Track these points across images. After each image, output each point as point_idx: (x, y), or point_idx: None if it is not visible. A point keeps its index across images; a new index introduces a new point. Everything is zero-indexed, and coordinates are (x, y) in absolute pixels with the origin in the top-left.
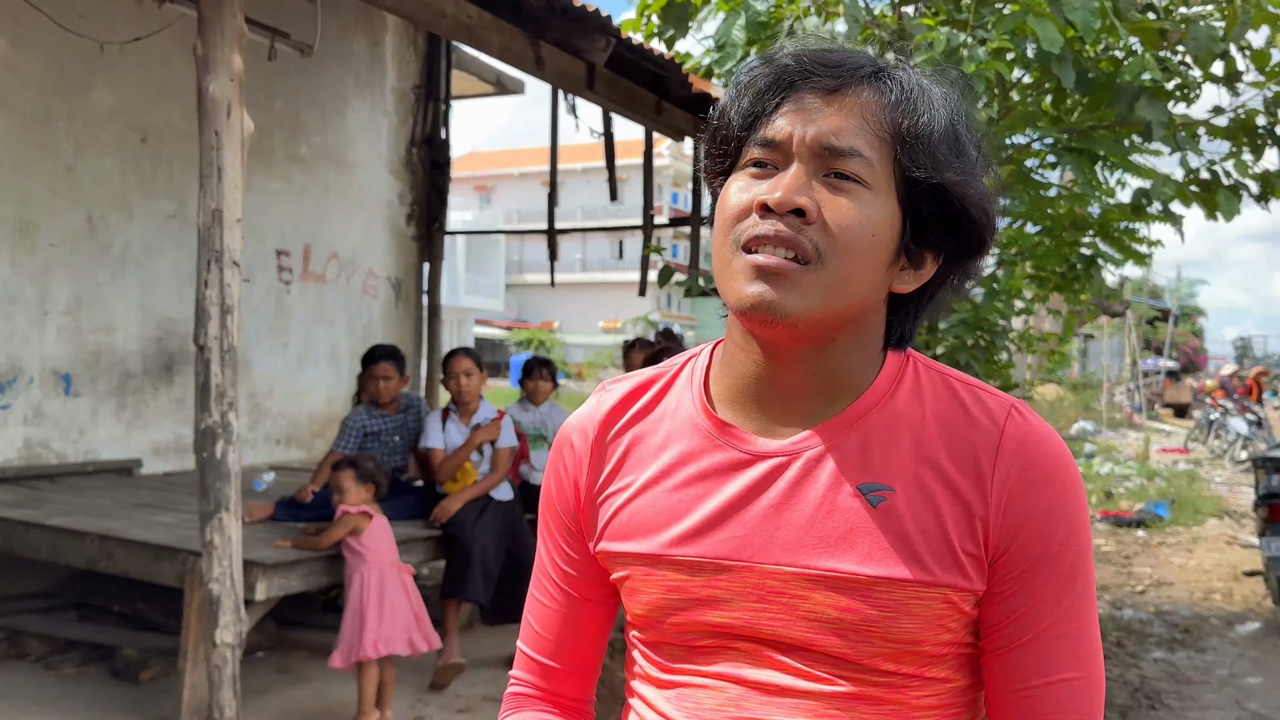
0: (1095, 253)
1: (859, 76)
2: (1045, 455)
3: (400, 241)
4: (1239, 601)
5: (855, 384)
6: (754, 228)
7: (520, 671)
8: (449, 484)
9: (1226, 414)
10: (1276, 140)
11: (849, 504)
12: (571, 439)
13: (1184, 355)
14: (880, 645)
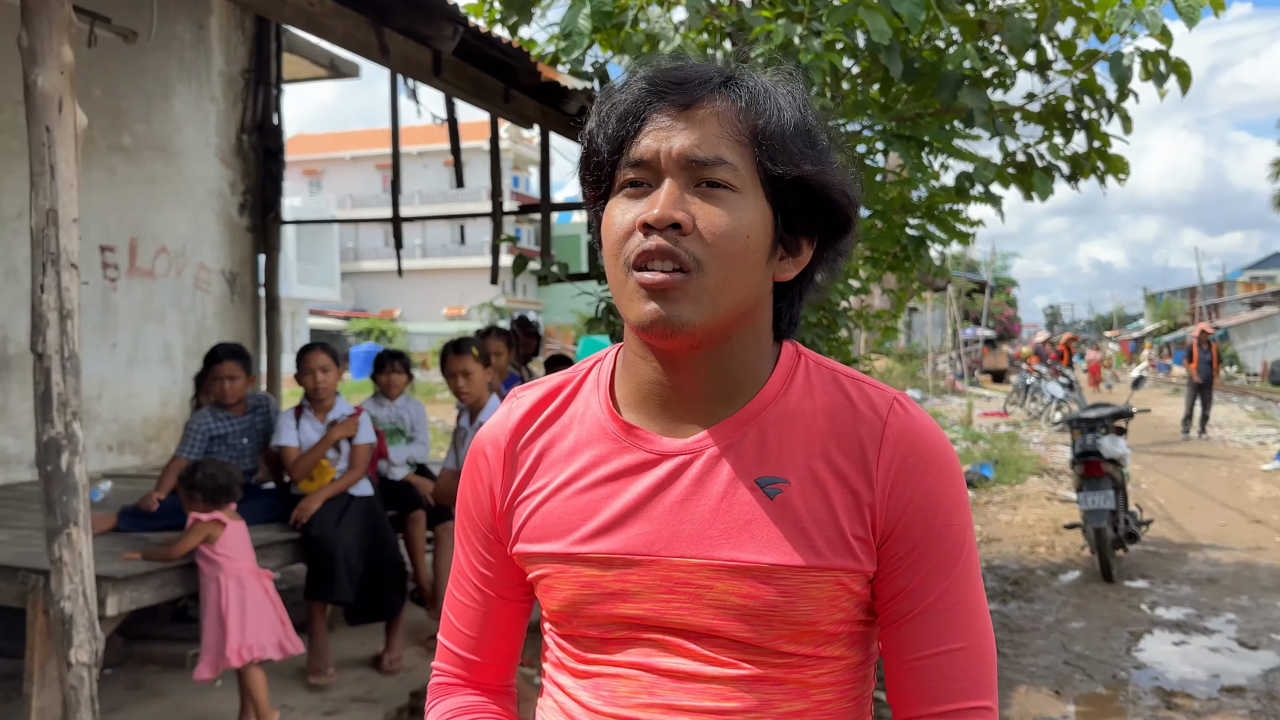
0: (923, 233)
1: (710, 88)
2: (925, 444)
3: (233, 233)
4: (1061, 553)
5: (751, 382)
6: (639, 246)
7: (443, 664)
8: (305, 483)
9: (1041, 378)
10: (1084, 124)
11: (748, 497)
12: (485, 449)
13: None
14: (781, 628)
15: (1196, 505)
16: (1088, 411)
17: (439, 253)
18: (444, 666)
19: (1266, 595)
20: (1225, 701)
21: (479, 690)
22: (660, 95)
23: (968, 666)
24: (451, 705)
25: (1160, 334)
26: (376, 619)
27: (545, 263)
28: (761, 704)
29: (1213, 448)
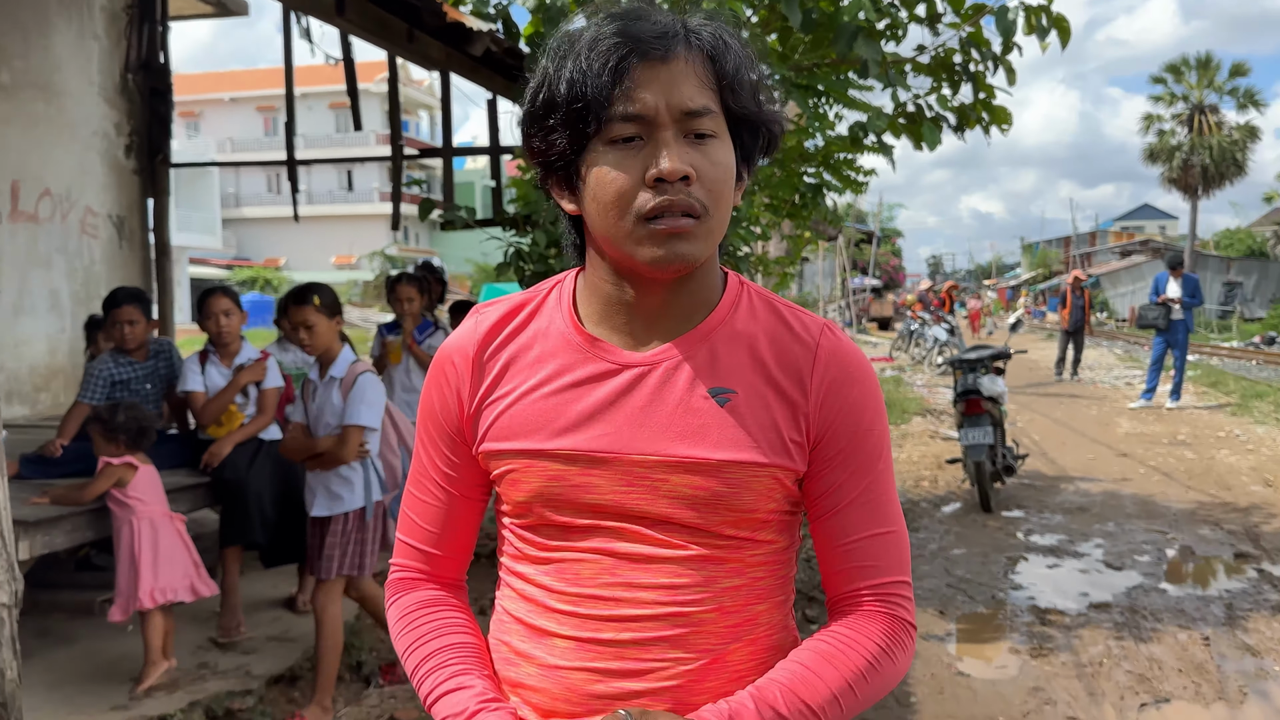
0: (820, 182)
1: (677, 39)
2: (852, 362)
3: (120, 175)
4: (943, 486)
5: (705, 303)
6: (654, 199)
7: (403, 559)
8: (213, 428)
9: (924, 324)
10: (971, 76)
11: (701, 404)
12: (452, 357)
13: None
14: (725, 515)
15: (1068, 441)
16: (968, 353)
17: (326, 199)
18: (403, 562)
19: (1130, 522)
20: (1093, 616)
21: (437, 584)
22: (640, 48)
23: (889, 547)
24: (414, 599)
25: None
26: (290, 561)
27: (450, 208)
28: (707, 579)
29: (1084, 388)
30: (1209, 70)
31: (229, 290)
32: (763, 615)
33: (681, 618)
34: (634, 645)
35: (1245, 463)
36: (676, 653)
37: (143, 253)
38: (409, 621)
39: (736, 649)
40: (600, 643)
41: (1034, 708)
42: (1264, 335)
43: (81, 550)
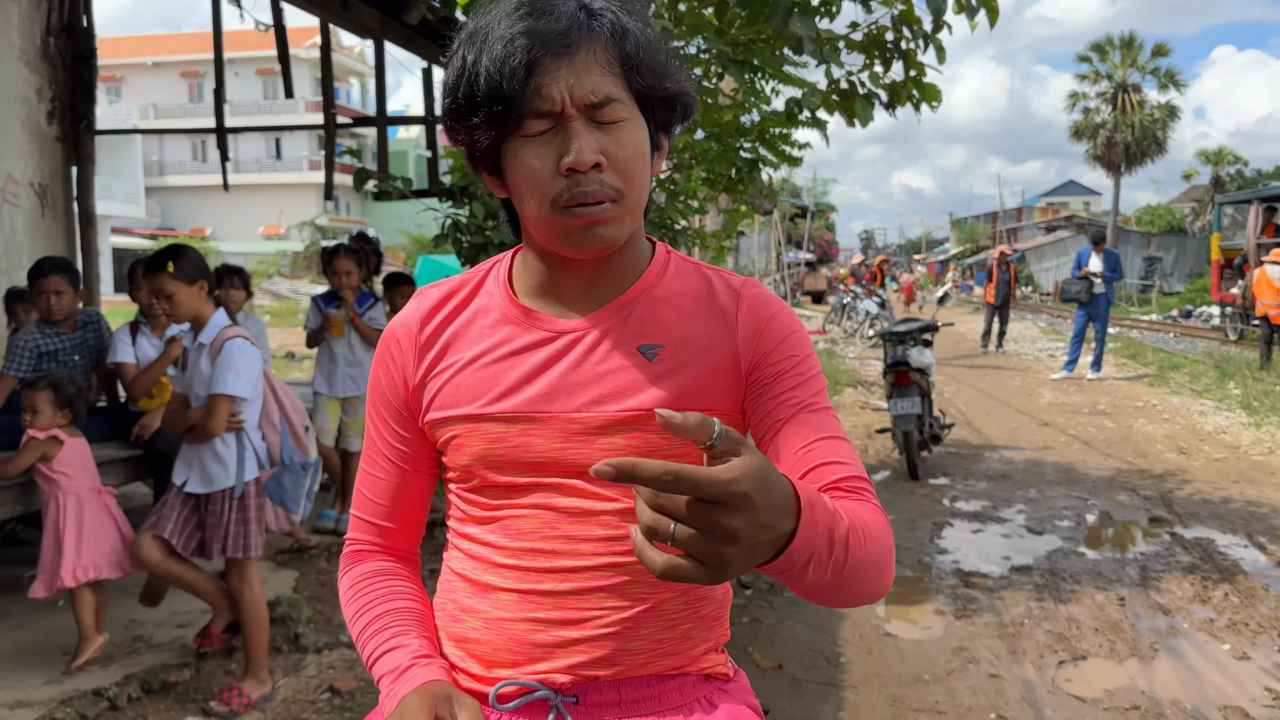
0: (755, 157)
1: (580, 28)
2: (774, 302)
3: (42, 143)
4: (873, 455)
5: (634, 270)
6: (568, 189)
7: (357, 534)
8: (145, 400)
9: (856, 298)
10: (902, 54)
11: (632, 360)
12: (397, 335)
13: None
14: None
15: (993, 411)
16: (898, 326)
17: (254, 168)
18: (357, 536)
19: (1051, 488)
20: (1015, 579)
21: (390, 556)
22: (545, 44)
23: (843, 448)
24: (364, 570)
25: (964, 257)
26: None
27: (385, 179)
28: None
29: (1009, 360)
30: (1132, 50)
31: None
32: None
33: (618, 567)
34: (573, 595)
35: (1161, 431)
36: (614, 600)
37: (66, 222)
38: (358, 589)
39: (671, 597)
40: (541, 594)
41: (958, 666)
42: (1182, 309)
43: (8, 525)
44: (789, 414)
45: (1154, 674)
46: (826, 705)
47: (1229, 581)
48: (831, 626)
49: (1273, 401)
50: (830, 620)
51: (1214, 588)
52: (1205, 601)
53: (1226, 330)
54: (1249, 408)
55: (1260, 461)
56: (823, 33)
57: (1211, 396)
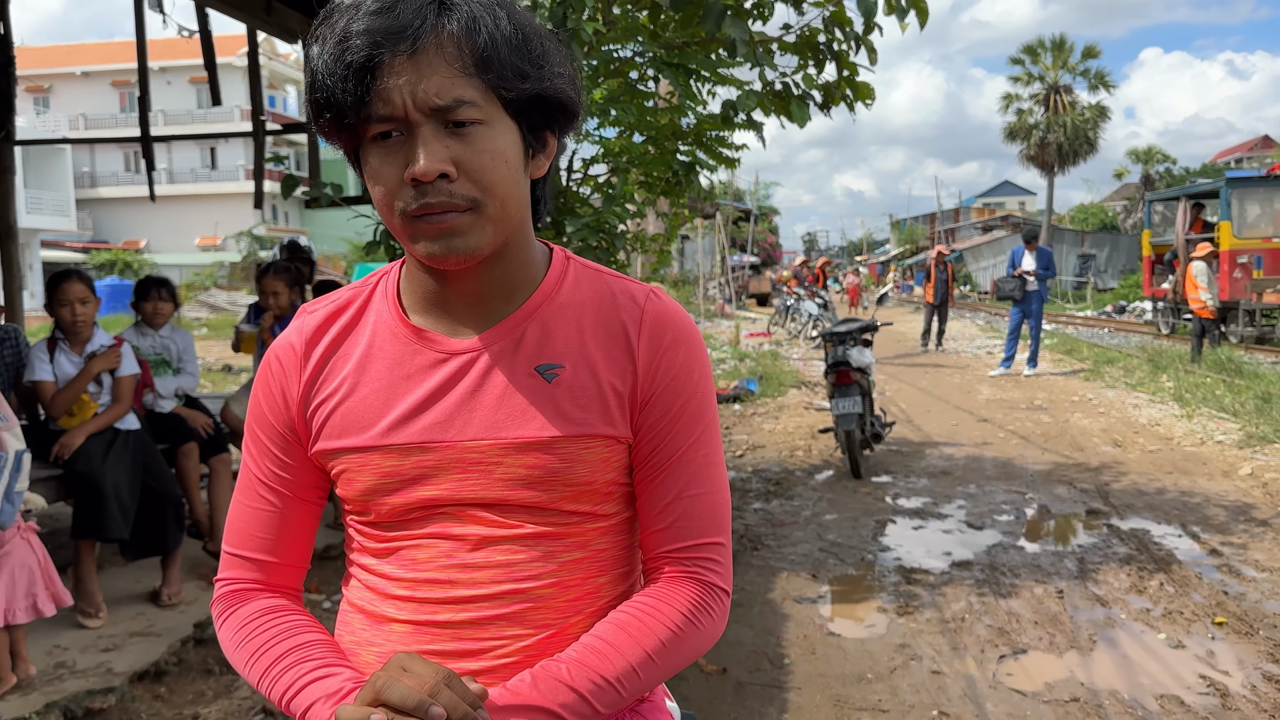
0: (693, 159)
1: (427, 26)
2: (677, 324)
3: None
4: (817, 455)
5: (527, 281)
6: (414, 201)
7: (234, 573)
8: (65, 419)
9: (800, 299)
10: (835, 55)
11: (529, 383)
12: (280, 357)
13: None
14: (563, 490)
15: (933, 408)
16: (839, 326)
17: (188, 178)
18: (234, 575)
19: (990, 484)
20: (956, 574)
21: (275, 595)
22: (387, 43)
23: (704, 509)
24: (252, 610)
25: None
26: (153, 554)
27: (316, 185)
28: (546, 555)
29: (947, 358)
30: (1063, 52)
31: (83, 275)
32: (605, 587)
33: (520, 594)
34: (471, 625)
35: (1097, 425)
36: (515, 629)
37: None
38: (251, 630)
39: (578, 622)
40: (438, 625)
41: (900, 663)
42: (1115, 304)
43: None
44: (664, 463)
45: (1092, 665)
46: (770, 708)
47: (1164, 571)
48: (775, 628)
49: (1204, 394)
50: (774, 622)
51: (1149, 578)
52: (1141, 592)
53: (1159, 325)
54: (1181, 400)
55: (1192, 452)
56: (756, 35)
57: (1145, 390)
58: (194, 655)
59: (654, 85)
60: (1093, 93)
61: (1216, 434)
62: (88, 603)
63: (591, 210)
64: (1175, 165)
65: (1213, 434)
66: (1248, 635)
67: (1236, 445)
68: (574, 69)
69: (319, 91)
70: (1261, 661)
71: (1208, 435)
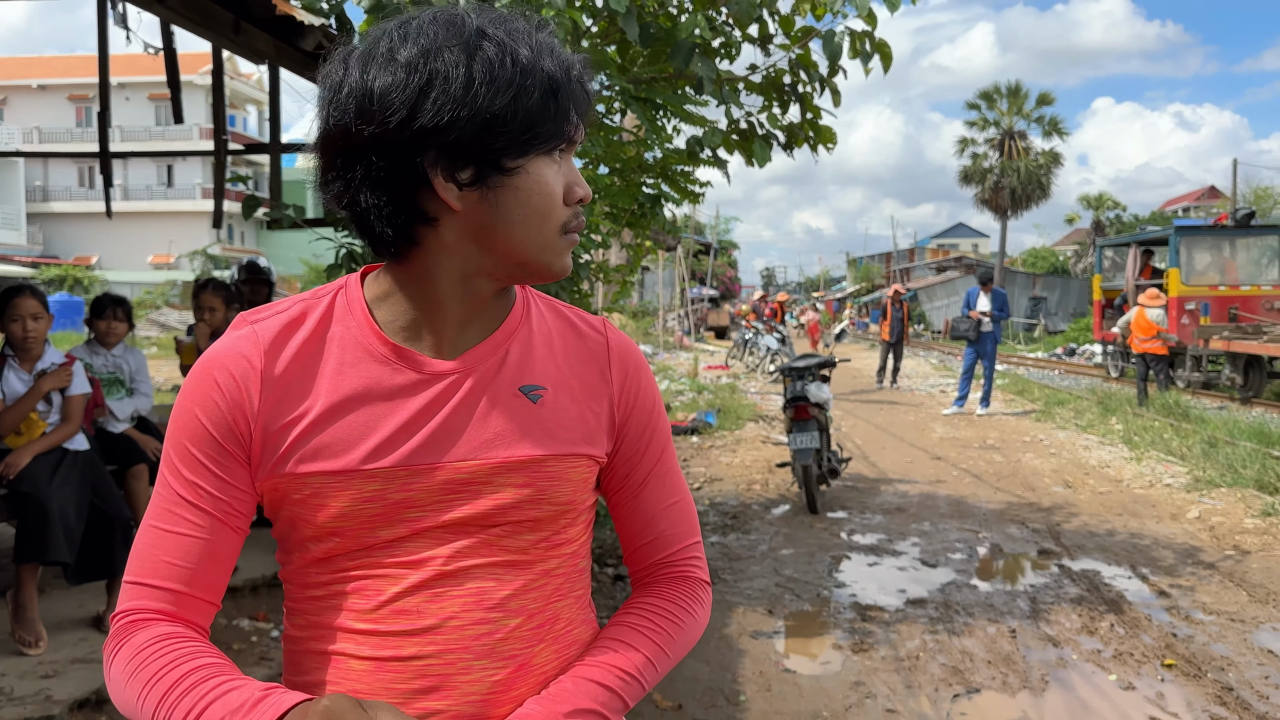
0: (658, 192)
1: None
2: (635, 351)
3: None
4: (774, 489)
5: (502, 309)
6: (575, 216)
7: (139, 602)
8: (12, 438)
9: (758, 334)
10: (799, 96)
11: (515, 403)
12: (230, 369)
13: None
14: (547, 509)
15: (888, 445)
16: (797, 361)
17: (143, 195)
18: (140, 605)
19: (944, 521)
20: (910, 611)
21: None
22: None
23: (681, 516)
24: (147, 636)
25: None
26: (99, 577)
27: (280, 207)
28: (515, 579)
29: (902, 395)
30: (1018, 98)
31: (36, 290)
32: (563, 612)
33: (487, 624)
34: (438, 659)
35: (1048, 465)
36: (483, 663)
37: None
38: (142, 660)
39: (542, 650)
40: (401, 660)
41: (855, 702)
42: (1065, 347)
43: None
44: (640, 479)
45: (1044, 706)
46: None
47: (1115, 612)
48: (731, 664)
49: (1152, 436)
50: (730, 658)
51: (1100, 619)
52: (1092, 633)
53: (1108, 368)
54: (1130, 442)
55: (1141, 494)
56: (723, 74)
57: (1095, 432)
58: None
59: (620, 119)
60: (1046, 139)
61: (1165, 477)
62: (28, 630)
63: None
64: (1125, 212)
65: (1161, 477)
66: (1195, 678)
67: (1184, 489)
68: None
69: (531, 98)
70: (1209, 704)
71: (1156, 478)
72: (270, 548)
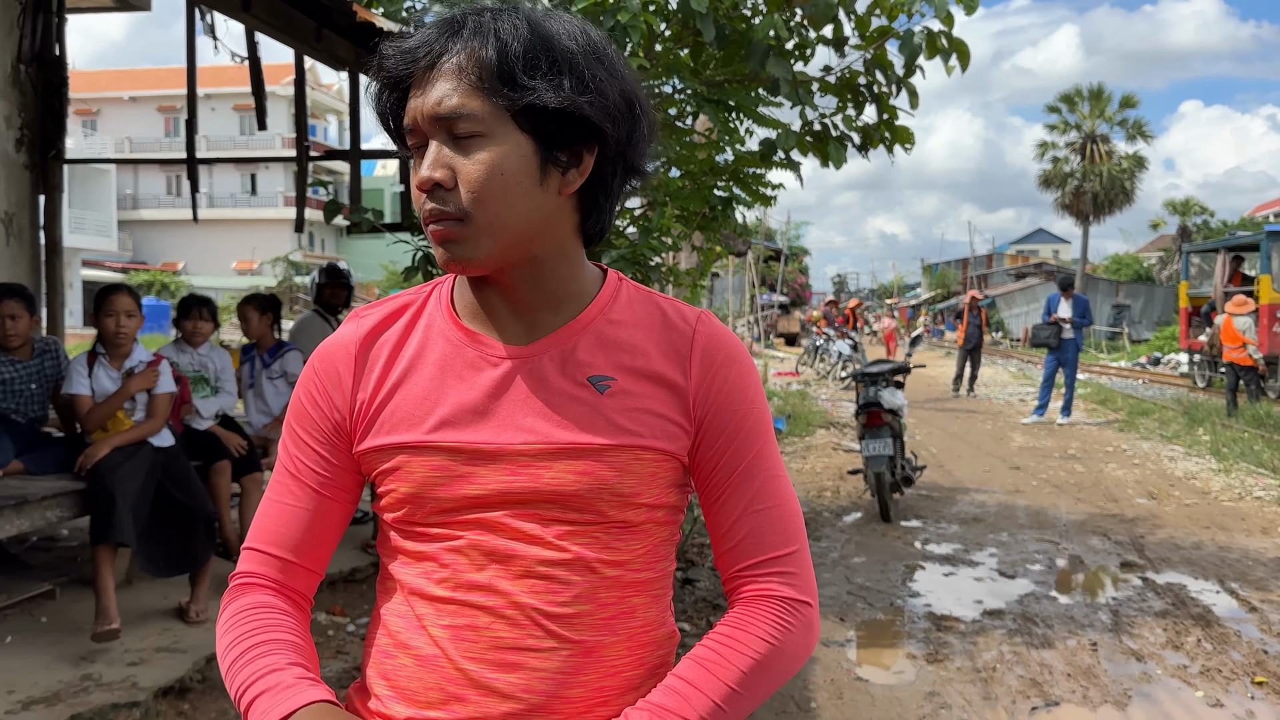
0: (730, 195)
1: (443, 46)
2: (728, 345)
3: (10, 170)
4: (845, 497)
5: (577, 295)
6: (422, 206)
7: (252, 567)
8: (98, 433)
9: (830, 340)
10: (874, 97)
11: (582, 393)
12: (334, 356)
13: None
14: (609, 500)
15: (964, 454)
16: (871, 367)
17: (228, 203)
18: (252, 570)
19: (1023, 531)
20: (987, 623)
21: (283, 596)
22: (406, 62)
23: (774, 522)
24: (248, 601)
25: (935, 302)
26: (184, 569)
27: (359, 211)
28: (585, 570)
29: (980, 404)
30: (1101, 101)
31: (132, 290)
32: (639, 608)
33: (556, 607)
34: (509, 636)
35: (1131, 476)
36: (551, 643)
37: (32, 251)
38: (235, 620)
39: (613, 642)
40: (476, 631)
41: (930, 712)
42: (1150, 356)
43: None
44: (728, 480)
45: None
46: None
47: (1202, 627)
48: (803, 671)
49: (1241, 448)
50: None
51: (1187, 633)
52: (1178, 648)
53: (1195, 377)
54: (1218, 454)
55: (1230, 507)
56: (797, 75)
57: (1181, 442)
58: (217, 673)
59: (690, 121)
60: (1130, 143)
61: (1255, 489)
62: (102, 614)
63: (628, 242)
64: (1213, 218)
65: (1251, 489)
66: None
67: (1276, 501)
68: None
69: (375, 105)
70: None
71: (1246, 490)
72: (348, 543)
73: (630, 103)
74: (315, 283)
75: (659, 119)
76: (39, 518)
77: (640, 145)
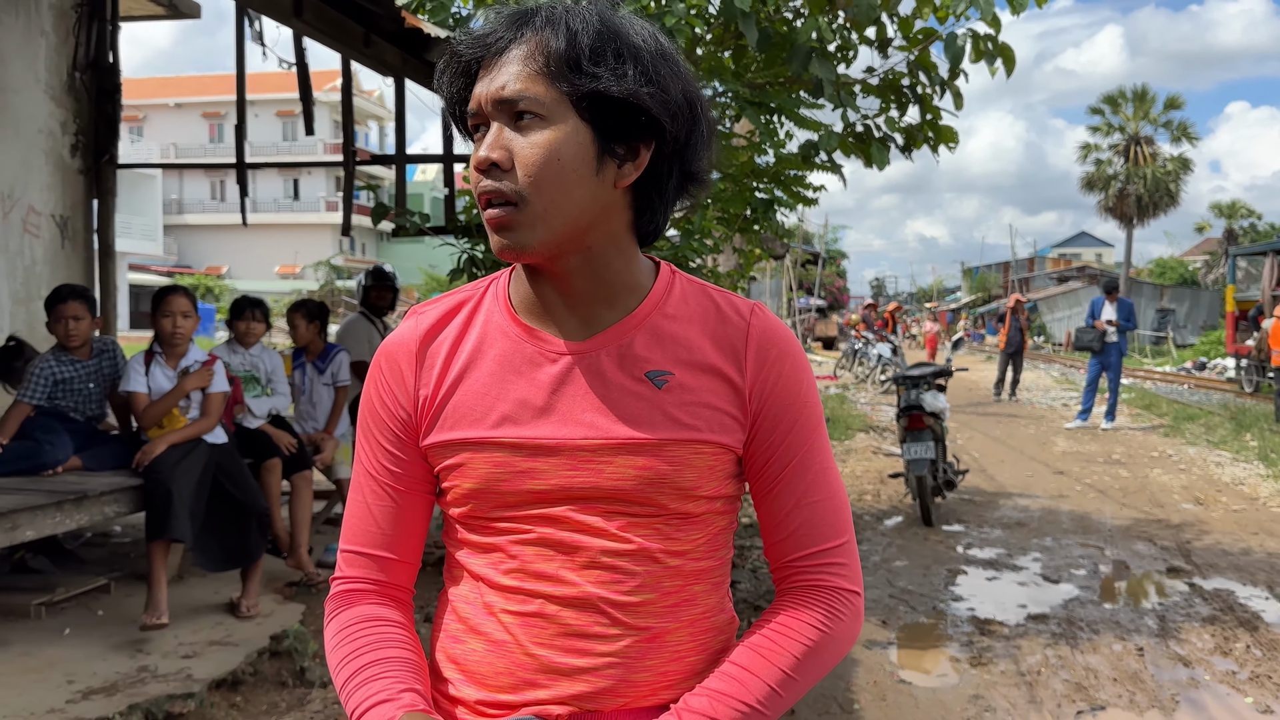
0: (771, 197)
1: (512, 35)
2: (781, 338)
3: (65, 175)
4: (886, 500)
5: (632, 290)
6: (478, 186)
7: (349, 569)
8: (154, 430)
9: (868, 343)
10: (918, 99)
11: (640, 388)
12: (396, 354)
13: (830, 294)
14: (669, 493)
15: (1007, 459)
16: (912, 370)
17: (271, 208)
18: (350, 573)
19: (1067, 536)
20: (1031, 627)
21: (384, 597)
22: (476, 49)
23: (824, 514)
24: (356, 614)
25: (976, 305)
26: (234, 565)
27: (405, 215)
28: (647, 559)
29: (1022, 408)
30: (1145, 103)
31: (188, 291)
32: (700, 595)
33: (621, 595)
34: (576, 623)
35: (1177, 481)
36: (617, 630)
37: (85, 254)
38: (346, 635)
39: (675, 628)
40: (545, 618)
41: (974, 715)
42: (1195, 361)
43: (18, 553)
44: (780, 472)
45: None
46: None
47: (1250, 633)
48: (845, 672)
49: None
50: (843, 666)
51: (1235, 640)
52: (1226, 654)
53: (1242, 382)
54: (1266, 460)
55: (1279, 513)
56: (840, 76)
57: (1228, 448)
58: (269, 667)
59: (731, 125)
60: (1175, 144)
61: None
62: (152, 608)
63: (668, 244)
64: (1260, 220)
65: None
66: None
67: None
68: (684, 90)
69: (443, 91)
70: None
71: None
72: None
73: (692, 104)
74: (361, 285)
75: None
76: (97, 512)
77: (698, 148)
